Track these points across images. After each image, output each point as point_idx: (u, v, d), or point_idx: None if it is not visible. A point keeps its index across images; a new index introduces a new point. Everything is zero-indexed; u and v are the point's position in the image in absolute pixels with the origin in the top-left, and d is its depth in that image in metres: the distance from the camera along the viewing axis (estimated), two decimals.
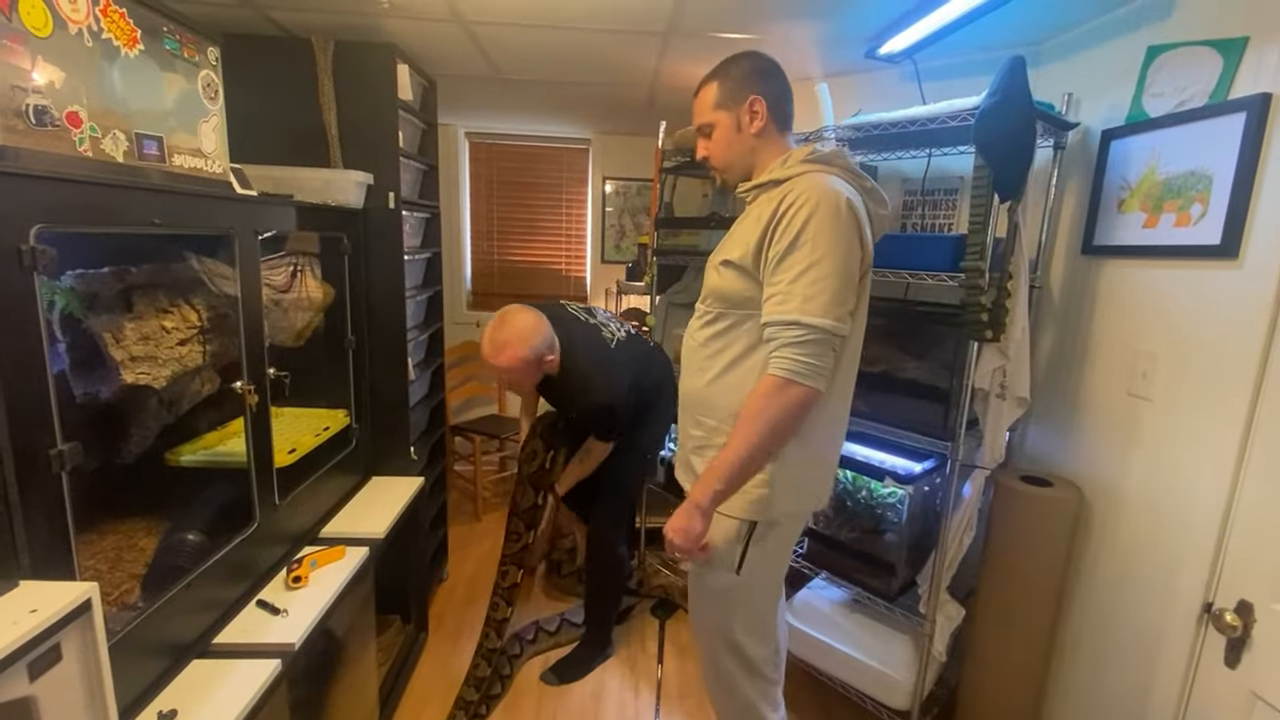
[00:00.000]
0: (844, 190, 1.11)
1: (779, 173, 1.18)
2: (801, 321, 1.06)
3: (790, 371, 1.07)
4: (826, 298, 1.06)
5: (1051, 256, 1.67)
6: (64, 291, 1.16)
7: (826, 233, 1.06)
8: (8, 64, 0.79)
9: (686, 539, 1.16)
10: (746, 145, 1.23)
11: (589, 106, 2.79)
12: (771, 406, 1.09)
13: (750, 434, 1.10)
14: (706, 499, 1.14)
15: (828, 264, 1.06)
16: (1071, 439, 1.60)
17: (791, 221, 1.08)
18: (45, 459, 0.84)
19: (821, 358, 1.07)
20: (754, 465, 1.14)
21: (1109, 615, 1.47)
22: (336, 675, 1.54)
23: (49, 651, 0.76)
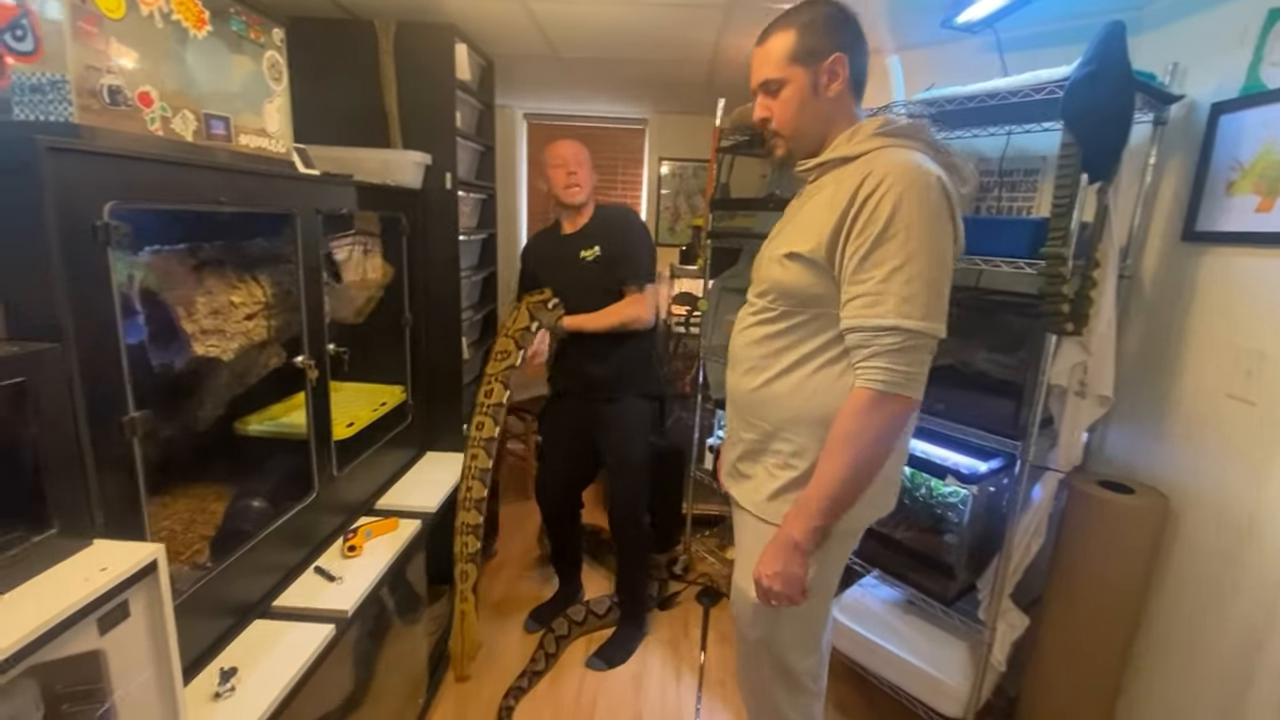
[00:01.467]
0: (933, 169, 0.97)
1: (846, 148, 1.03)
2: (902, 327, 0.93)
3: (889, 384, 0.94)
4: (926, 297, 0.93)
5: (1146, 243, 1.53)
6: (143, 266, 1.23)
7: (921, 221, 0.93)
8: (84, 45, 0.82)
9: (789, 585, 1.03)
10: (821, 111, 1.06)
11: (646, 85, 2.74)
12: (871, 424, 0.96)
13: (849, 457, 0.98)
14: (807, 537, 1.01)
15: (925, 258, 0.93)
16: (1159, 443, 1.47)
17: (878, 208, 0.93)
18: (118, 426, 0.88)
19: (922, 364, 0.97)
20: (856, 490, 1.01)
21: (1193, 640, 1.35)
22: (388, 641, 1.60)
23: (118, 608, 0.80)
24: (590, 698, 1.89)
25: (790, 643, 1.19)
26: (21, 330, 0.78)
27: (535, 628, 2.16)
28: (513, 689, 1.85)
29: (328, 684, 1.27)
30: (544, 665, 1.98)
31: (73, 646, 0.75)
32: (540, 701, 1.87)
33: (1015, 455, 1.46)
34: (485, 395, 1.84)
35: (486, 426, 1.83)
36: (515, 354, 1.85)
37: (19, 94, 0.81)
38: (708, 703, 1.89)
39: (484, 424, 1.83)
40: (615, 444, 1.97)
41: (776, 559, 1.03)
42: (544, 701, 1.87)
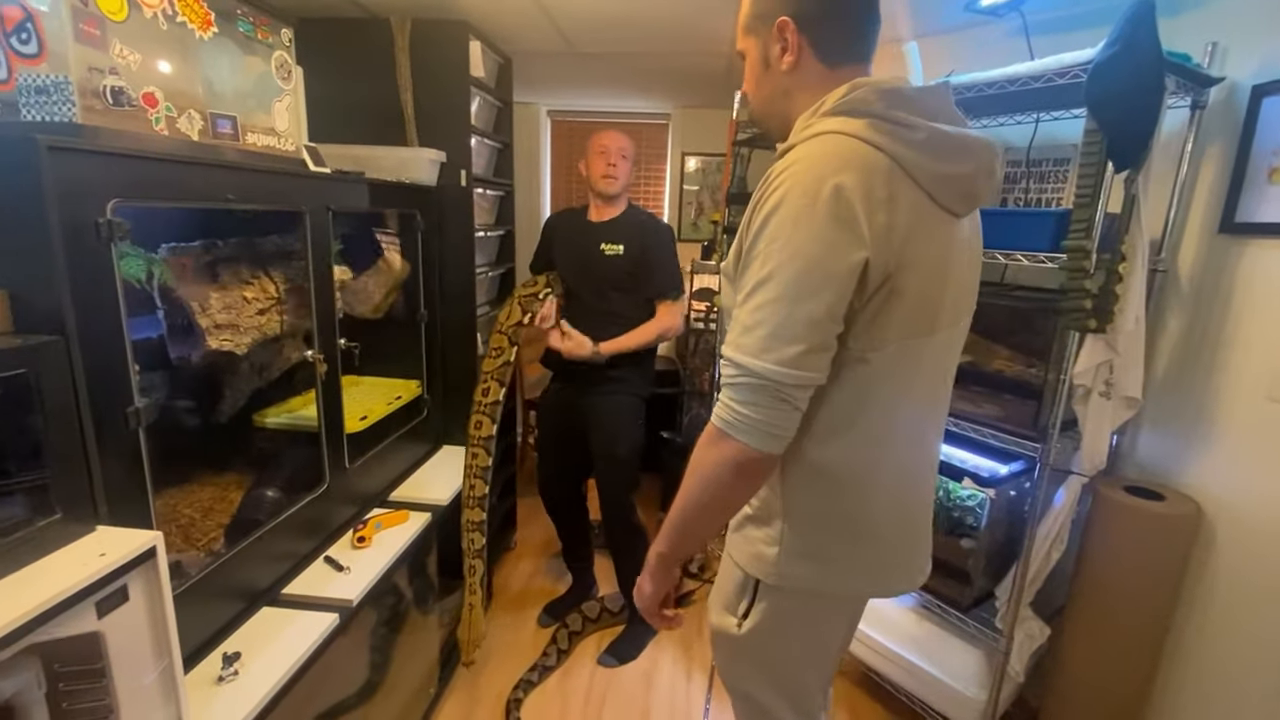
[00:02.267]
0: (847, 166, 0.74)
1: (796, 134, 0.83)
2: (733, 360, 0.78)
3: (722, 420, 0.80)
4: (766, 331, 0.75)
5: (1182, 235, 1.44)
6: (159, 263, 1.27)
7: (788, 237, 0.74)
8: (86, 47, 0.84)
9: (639, 599, 1.00)
10: (777, 88, 0.89)
11: (666, 79, 2.72)
12: (704, 459, 0.83)
13: (687, 489, 0.86)
14: (653, 559, 0.96)
15: (779, 283, 0.74)
16: (1193, 448, 1.39)
17: (756, 218, 0.79)
18: (122, 415, 0.91)
19: (763, 409, 0.76)
20: (698, 527, 0.89)
21: (1227, 657, 1.27)
22: (398, 632, 1.63)
23: (116, 592, 0.83)
24: (600, 694, 1.89)
25: (757, 686, 1.06)
26: (27, 323, 0.82)
27: (549, 622, 2.17)
28: (522, 682, 1.87)
29: (333, 672, 1.30)
30: (555, 661, 1.99)
31: (72, 628, 0.78)
32: (550, 696, 1.88)
33: (1035, 458, 1.40)
34: (482, 394, 1.86)
35: (485, 425, 1.84)
36: (509, 350, 1.87)
37: (25, 95, 0.84)
38: (717, 703, 1.87)
39: (482, 423, 1.85)
40: (602, 440, 1.96)
41: (641, 575, 1.01)
42: (553, 696, 1.88)
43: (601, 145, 1.91)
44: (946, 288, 0.85)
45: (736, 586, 0.99)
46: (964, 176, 0.82)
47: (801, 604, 0.97)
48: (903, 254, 0.77)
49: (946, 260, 0.83)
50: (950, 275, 0.85)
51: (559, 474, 2.15)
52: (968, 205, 0.85)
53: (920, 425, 0.93)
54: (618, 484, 1.98)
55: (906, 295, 0.79)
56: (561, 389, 2.07)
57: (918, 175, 0.78)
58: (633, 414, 1.98)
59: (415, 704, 1.71)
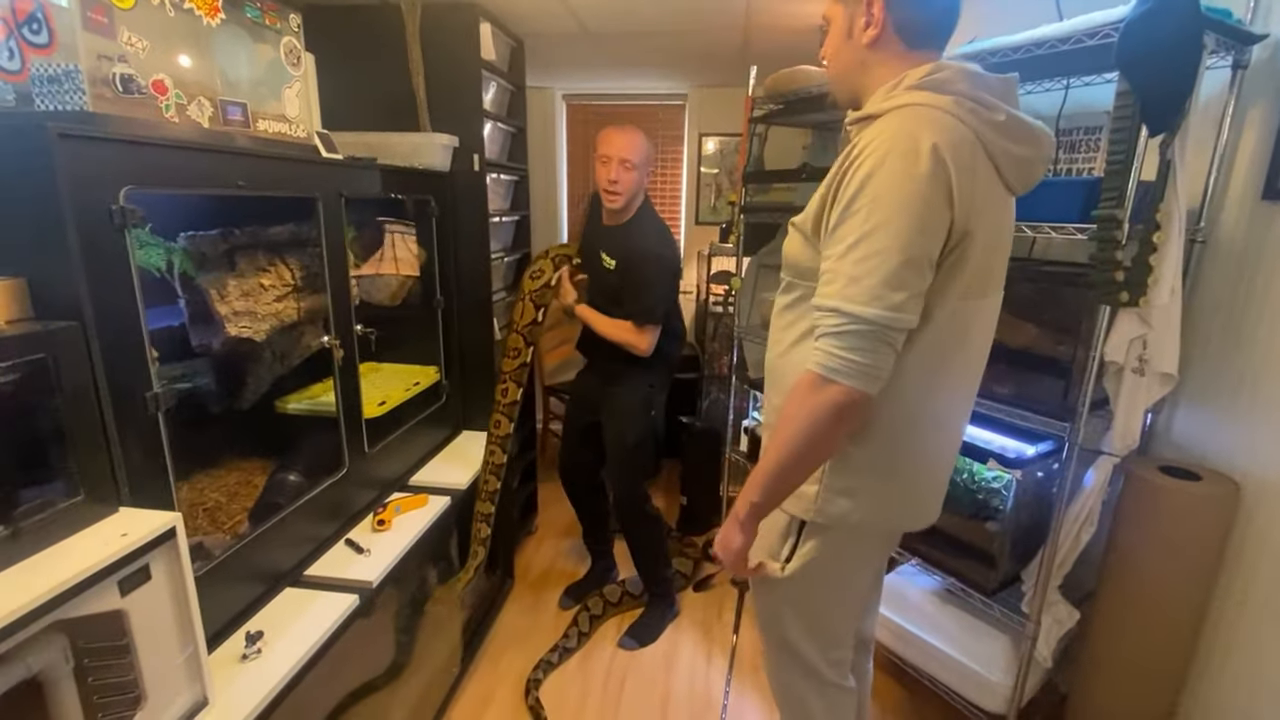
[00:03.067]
0: (941, 132, 0.82)
1: (881, 103, 0.90)
2: (842, 309, 0.84)
3: (825, 368, 0.86)
4: (876, 280, 0.82)
5: (1222, 203, 1.37)
6: (179, 252, 1.29)
7: (890, 194, 0.81)
8: (94, 35, 0.85)
9: (727, 553, 1.03)
10: (854, 59, 0.95)
11: (681, 58, 2.67)
12: (806, 407, 0.88)
13: (785, 438, 0.91)
14: (744, 510, 0.98)
15: (885, 235, 0.81)
16: (1233, 425, 1.33)
17: (852, 178, 0.85)
18: (142, 400, 0.93)
19: (869, 353, 0.84)
20: (794, 475, 0.95)
21: (1268, 643, 1.22)
22: (420, 613, 1.65)
23: (138, 571, 0.85)
24: (620, 676, 1.90)
25: (799, 629, 1.15)
26: (46, 310, 0.83)
27: (569, 604, 2.19)
28: (542, 663, 1.89)
29: (355, 651, 1.32)
30: (576, 643, 2.01)
31: (95, 605, 0.80)
32: (570, 678, 1.89)
33: (1064, 438, 1.35)
34: (501, 394, 1.87)
35: (503, 425, 1.87)
36: (526, 351, 1.87)
37: (38, 85, 0.85)
38: (737, 685, 1.87)
39: (500, 422, 1.87)
40: (612, 429, 1.96)
41: (724, 528, 1.03)
42: (573, 678, 1.89)
43: (603, 153, 1.78)
44: (998, 255, 0.95)
45: (780, 531, 1.08)
46: (1030, 160, 0.92)
47: (841, 541, 1.06)
48: (975, 220, 0.86)
49: (1000, 230, 0.94)
50: (1001, 244, 0.96)
51: (577, 458, 2.15)
52: (1025, 186, 0.95)
53: (964, 379, 1.03)
54: (625, 473, 1.98)
55: (971, 259, 0.88)
56: (586, 375, 2.07)
57: (993, 152, 0.87)
58: (642, 405, 1.96)
59: (439, 683, 1.74)
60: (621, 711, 1.77)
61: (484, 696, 1.81)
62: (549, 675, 1.89)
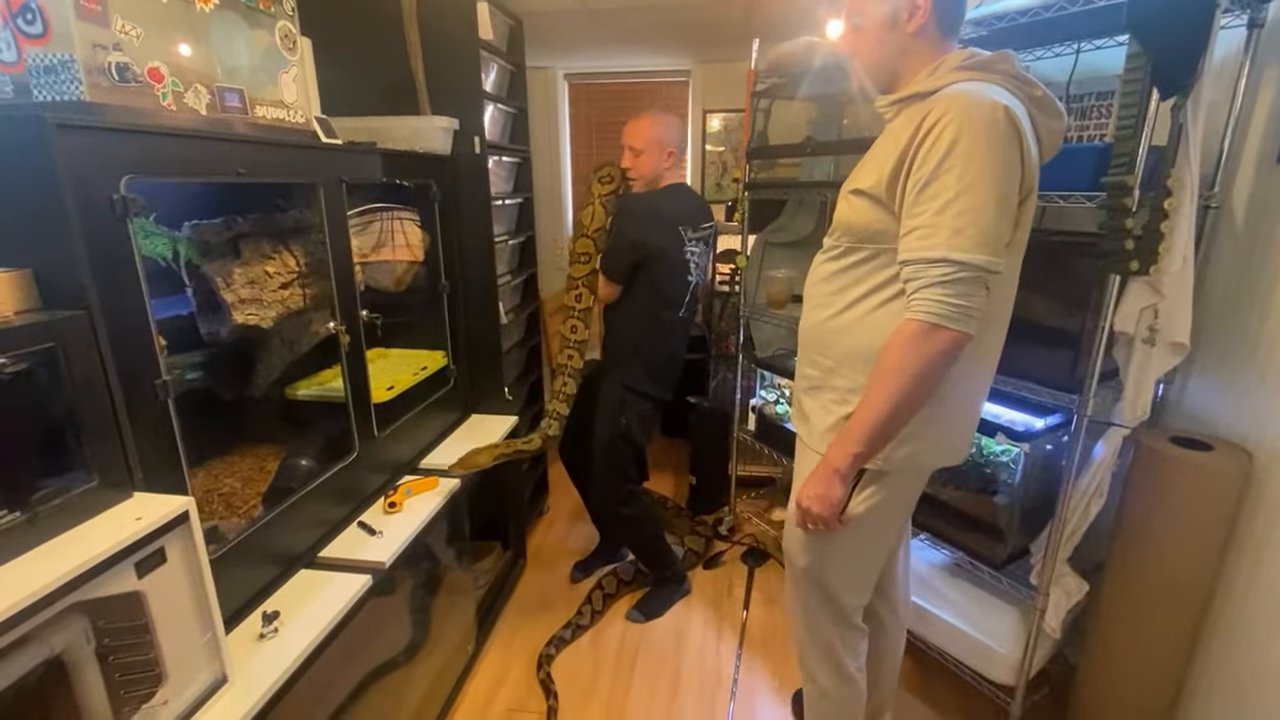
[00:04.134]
0: (1002, 99, 0.93)
1: (925, 84, 1.01)
2: (950, 258, 0.92)
3: (937, 315, 0.93)
4: (978, 230, 0.91)
5: (1236, 167, 1.34)
6: (184, 241, 1.30)
7: (979, 153, 0.91)
8: (88, 24, 0.85)
9: (825, 506, 1.07)
10: (898, 47, 1.04)
11: (683, 33, 2.63)
12: (917, 355, 0.95)
13: (893, 388, 0.98)
14: (846, 462, 1.04)
15: (981, 191, 0.91)
16: (1246, 395, 1.31)
17: (937, 142, 0.93)
18: (151, 388, 0.95)
19: (973, 298, 0.94)
20: (898, 422, 1.02)
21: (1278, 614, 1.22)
22: (433, 592, 1.68)
23: (154, 554, 0.87)
24: (631, 652, 1.93)
25: (838, 574, 1.21)
26: (52, 300, 0.84)
27: (580, 577, 2.23)
28: (555, 638, 1.92)
29: (370, 630, 1.35)
30: (589, 620, 2.04)
31: (113, 587, 0.82)
32: (583, 653, 1.93)
33: (1072, 410, 1.34)
34: (575, 300, 1.92)
35: (579, 329, 1.94)
36: (596, 257, 1.90)
37: (34, 76, 0.85)
38: (747, 661, 1.89)
39: (577, 327, 1.94)
40: (594, 423, 1.98)
41: (818, 483, 1.07)
42: (586, 653, 1.92)
43: (624, 137, 1.90)
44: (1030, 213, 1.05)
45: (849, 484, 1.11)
46: (1058, 132, 1.05)
47: (895, 484, 1.13)
48: (1032, 179, 0.99)
49: (1034, 193, 1.03)
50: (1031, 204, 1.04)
51: (575, 440, 2.16)
52: (1052, 154, 1.07)
53: (1003, 325, 1.13)
54: (599, 471, 1.99)
55: (1027, 213, 1.02)
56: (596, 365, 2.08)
57: (1035, 123, 1.00)
58: (615, 405, 1.95)
59: (455, 660, 1.78)
60: (633, 686, 1.81)
61: (498, 673, 1.84)
62: (561, 651, 1.92)
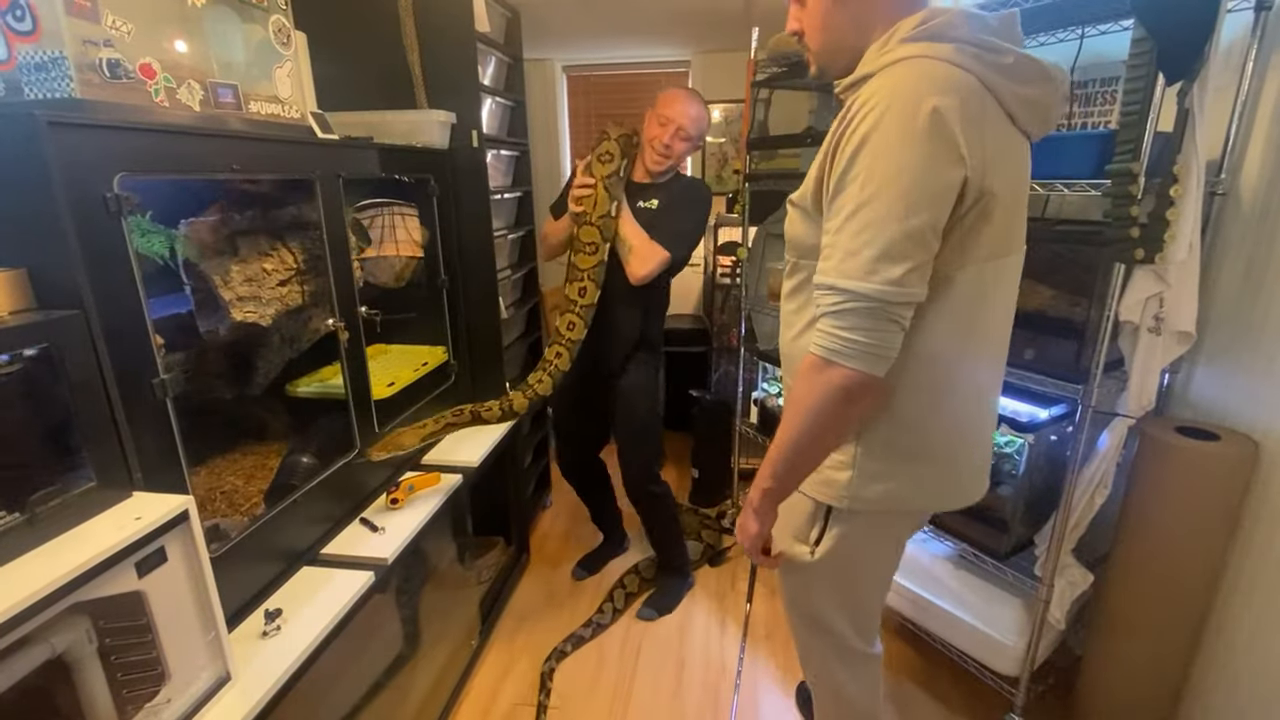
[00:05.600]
0: (943, 86, 0.76)
1: (870, 63, 0.84)
2: (838, 286, 0.80)
3: (826, 349, 0.83)
4: (874, 252, 0.77)
5: (1244, 153, 1.32)
6: (180, 238, 1.29)
7: (887, 158, 0.76)
8: (77, 20, 0.84)
9: (745, 538, 1.02)
10: (847, 20, 0.88)
11: (683, 22, 2.60)
12: (811, 391, 0.85)
13: (794, 423, 0.88)
14: (757, 495, 0.97)
15: (882, 204, 0.76)
16: (1253, 384, 1.30)
17: (846, 144, 0.79)
18: (149, 387, 0.94)
19: (870, 332, 0.80)
20: (806, 459, 0.92)
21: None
22: (436, 588, 1.68)
23: (154, 553, 0.87)
24: (635, 645, 1.93)
25: (826, 605, 1.14)
26: (47, 299, 0.84)
27: (582, 575, 2.22)
28: (574, 636, 1.92)
29: (373, 626, 1.36)
30: (610, 619, 2.03)
31: (114, 587, 0.82)
32: (587, 647, 1.93)
33: (1077, 401, 1.33)
34: (579, 294, 1.72)
35: (577, 327, 1.76)
36: (604, 247, 1.72)
37: (25, 74, 0.85)
38: (751, 653, 1.89)
39: (575, 324, 1.75)
40: (623, 412, 1.95)
41: (741, 514, 1.02)
42: (590, 647, 1.93)
43: (664, 113, 1.69)
44: (1018, 210, 0.90)
45: (806, 516, 1.05)
46: (1043, 101, 0.86)
47: (871, 525, 1.03)
48: (994, 176, 0.81)
49: (1020, 182, 0.89)
50: (1022, 197, 0.90)
51: (581, 456, 2.16)
52: (1043, 129, 0.89)
53: (991, 346, 0.98)
54: (639, 455, 1.98)
55: (994, 215, 0.83)
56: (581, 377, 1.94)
57: (1003, 97, 0.81)
58: (651, 387, 1.96)
59: (458, 655, 1.79)
60: (637, 679, 1.81)
61: (502, 668, 1.85)
62: (579, 648, 1.92)
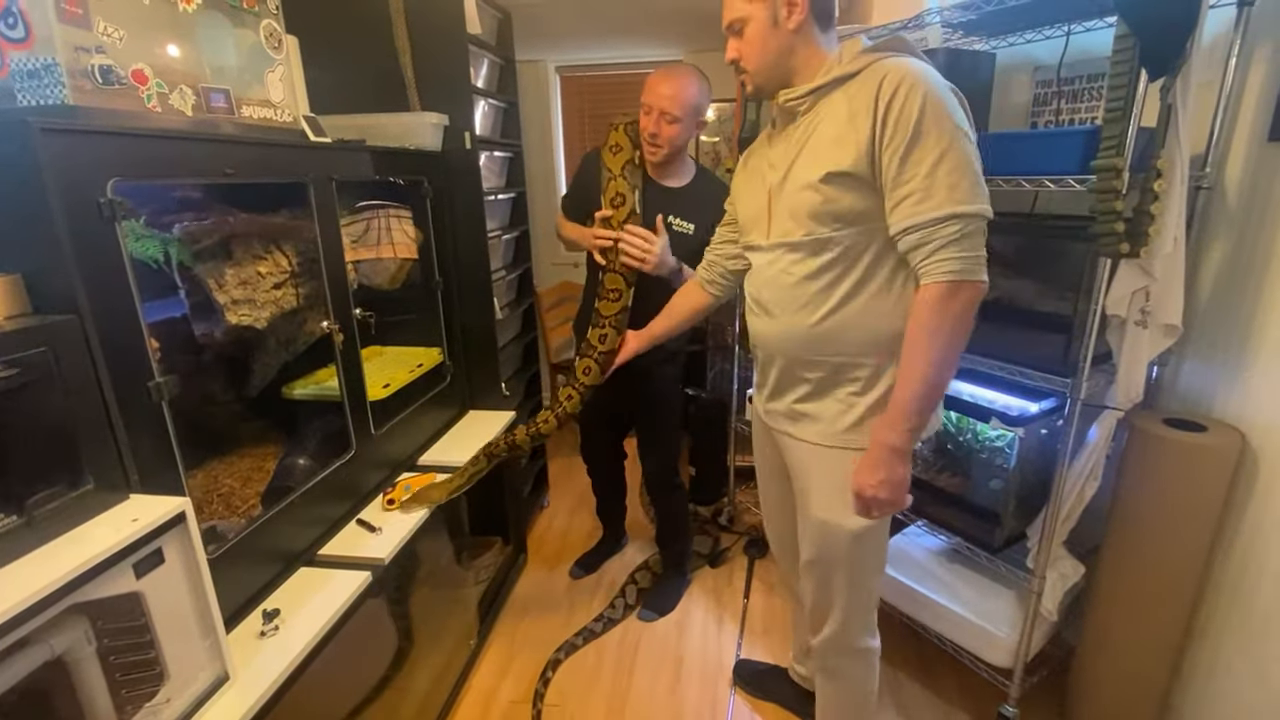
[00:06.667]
0: (940, 76, 1.01)
1: (841, 69, 1.04)
2: (957, 213, 0.96)
3: (958, 272, 0.97)
4: (970, 181, 0.96)
5: (1228, 148, 1.33)
6: (175, 242, 1.30)
7: (947, 116, 0.96)
8: (69, 27, 0.85)
9: (895, 490, 1.05)
10: (784, 45, 1.07)
11: (673, 20, 2.62)
12: (949, 315, 0.98)
13: (933, 354, 1.00)
14: (905, 440, 1.03)
15: (959, 147, 0.96)
16: (1239, 375, 1.31)
17: (905, 110, 0.96)
18: (145, 390, 0.95)
19: (981, 247, 0.99)
20: (943, 387, 1.04)
21: (1273, 593, 1.22)
22: (434, 588, 1.69)
23: (152, 555, 0.87)
24: (633, 642, 1.94)
25: (871, 564, 1.24)
26: (43, 305, 0.85)
27: (579, 574, 2.24)
28: (585, 630, 1.94)
29: (371, 625, 1.36)
30: (621, 614, 2.05)
31: (112, 588, 0.83)
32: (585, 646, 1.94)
33: (1066, 394, 1.34)
34: (599, 340, 1.60)
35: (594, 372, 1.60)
36: (628, 293, 1.60)
37: (18, 81, 0.85)
38: (748, 649, 1.91)
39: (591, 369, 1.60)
40: (653, 407, 1.94)
41: (879, 469, 1.05)
42: (588, 646, 1.94)
43: (644, 101, 1.60)
44: None
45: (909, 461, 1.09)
46: None
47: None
48: None
49: None
50: None
51: (605, 439, 2.15)
52: None
53: None
54: (666, 450, 1.99)
55: None
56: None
57: None
58: (678, 382, 1.97)
59: (458, 654, 1.79)
60: (635, 676, 1.82)
61: (501, 667, 1.86)
62: (590, 643, 1.93)
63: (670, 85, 1.57)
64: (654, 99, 1.59)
